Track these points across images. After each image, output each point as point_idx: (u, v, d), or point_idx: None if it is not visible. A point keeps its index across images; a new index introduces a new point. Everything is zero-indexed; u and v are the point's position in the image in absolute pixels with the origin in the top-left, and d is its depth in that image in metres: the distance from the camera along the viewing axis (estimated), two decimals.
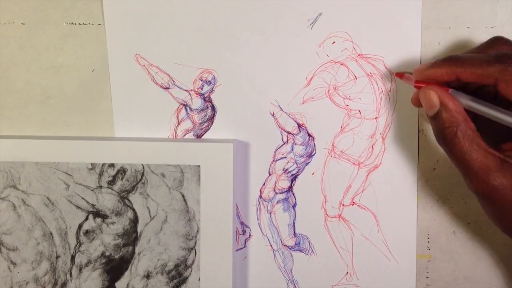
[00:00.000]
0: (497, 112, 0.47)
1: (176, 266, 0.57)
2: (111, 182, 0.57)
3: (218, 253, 0.56)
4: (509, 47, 0.48)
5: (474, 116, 0.48)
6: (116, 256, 0.57)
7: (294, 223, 0.59)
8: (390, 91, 0.57)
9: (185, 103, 0.57)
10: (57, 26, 0.57)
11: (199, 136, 0.58)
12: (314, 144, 0.58)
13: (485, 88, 0.50)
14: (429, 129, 0.48)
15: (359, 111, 0.57)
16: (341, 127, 0.57)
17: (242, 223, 0.59)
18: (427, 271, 0.59)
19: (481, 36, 0.56)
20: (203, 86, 0.57)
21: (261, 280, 0.59)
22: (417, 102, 0.52)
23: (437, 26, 0.56)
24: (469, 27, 0.56)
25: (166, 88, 0.57)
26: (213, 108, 0.58)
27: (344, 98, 0.57)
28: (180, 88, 0.57)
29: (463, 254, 0.59)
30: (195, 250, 0.57)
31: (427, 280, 0.59)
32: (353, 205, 0.58)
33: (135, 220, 0.57)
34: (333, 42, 0.56)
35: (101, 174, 0.57)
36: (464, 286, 0.59)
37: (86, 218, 0.57)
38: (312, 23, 0.56)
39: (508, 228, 0.49)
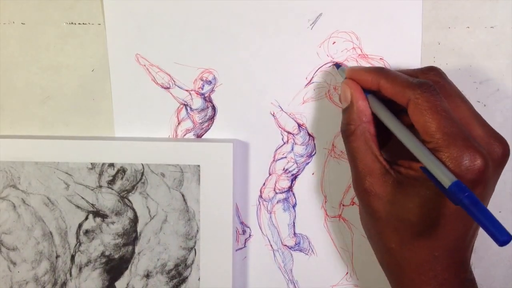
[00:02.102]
0: (397, 129, 0.48)
1: (176, 265, 0.57)
2: (111, 182, 0.57)
3: (218, 253, 0.57)
4: (440, 79, 0.50)
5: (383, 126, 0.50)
6: (116, 256, 0.57)
7: (294, 223, 0.59)
8: None
9: (186, 103, 0.58)
10: (57, 26, 0.57)
11: (199, 136, 0.58)
12: (314, 144, 0.58)
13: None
14: None
15: None
16: None
17: (242, 223, 0.59)
18: None
19: (481, 36, 0.56)
20: (203, 86, 0.57)
21: (261, 280, 0.59)
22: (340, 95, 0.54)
23: (436, 26, 0.56)
24: (469, 27, 0.56)
25: (167, 88, 0.57)
26: (214, 108, 0.58)
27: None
28: (180, 88, 0.57)
29: None
30: (195, 249, 0.57)
31: None
32: (353, 205, 0.58)
33: (135, 220, 0.57)
34: (334, 42, 0.56)
35: (101, 174, 0.57)
36: None
37: (86, 218, 0.57)
38: (312, 23, 0.56)
39: (375, 241, 0.51)
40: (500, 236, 0.39)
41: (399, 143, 0.48)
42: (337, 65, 0.56)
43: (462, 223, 0.45)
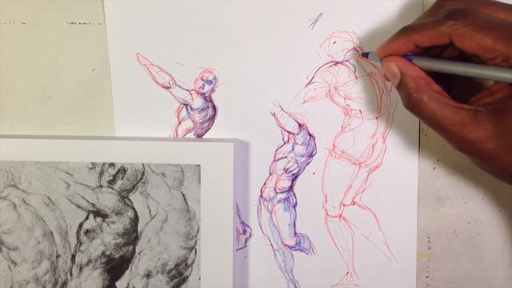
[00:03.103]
0: (458, 66, 0.48)
1: (177, 265, 0.57)
2: (112, 182, 0.57)
3: (218, 253, 0.56)
4: (457, 2, 0.48)
5: (440, 77, 0.49)
6: (117, 256, 0.57)
7: (294, 222, 0.59)
8: (390, 91, 0.57)
9: (186, 103, 0.57)
10: (57, 26, 0.57)
11: (199, 136, 0.58)
12: (315, 144, 0.58)
13: (449, 50, 0.50)
14: (430, 129, 0.48)
15: (359, 111, 0.57)
16: (342, 127, 0.57)
17: (242, 223, 0.59)
18: (427, 271, 0.59)
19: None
20: (204, 85, 0.57)
21: (261, 279, 0.59)
22: (386, 77, 0.52)
23: None
24: None
25: (167, 88, 0.57)
26: (214, 107, 0.58)
27: (344, 98, 0.57)
28: (181, 87, 0.57)
29: (463, 253, 0.59)
30: (195, 249, 0.57)
31: (427, 280, 0.59)
32: (353, 205, 0.58)
33: (135, 220, 0.57)
34: (334, 42, 0.56)
35: (101, 174, 0.57)
36: (464, 286, 0.59)
37: (87, 218, 0.57)
38: (313, 23, 0.56)
39: (502, 176, 0.49)
40: None
41: (462, 85, 0.49)
42: (364, 54, 0.55)
43: None
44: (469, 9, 0.46)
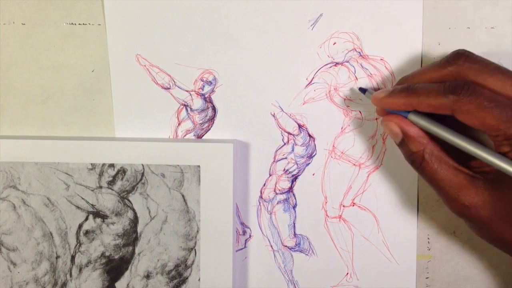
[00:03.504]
0: (455, 137, 0.48)
1: (176, 266, 0.57)
2: (111, 182, 0.57)
3: (218, 253, 0.56)
4: (471, 63, 0.48)
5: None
6: (116, 256, 0.57)
7: (294, 223, 0.59)
8: None
9: (186, 104, 0.57)
10: (57, 26, 0.57)
11: (199, 137, 0.58)
12: (315, 145, 0.58)
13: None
14: None
15: (359, 112, 0.57)
16: (342, 128, 0.57)
17: (242, 224, 0.59)
18: (427, 271, 0.59)
19: (481, 36, 0.56)
20: (203, 86, 0.57)
21: (261, 280, 0.59)
22: (380, 113, 0.53)
23: (437, 27, 0.56)
24: (469, 27, 0.56)
25: (167, 89, 0.57)
26: (214, 108, 0.58)
27: (344, 99, 0.57)
28: (180, 88, 0.57)
29: (463, 254, 0.59)
30: (195, 250, 0.57)
31: (427, 281, 0.59)
32: (353, 206, 0.58)
33: (135, 220, 0.57)
34: (334, 43, 0.56)
35: (101, 174, 0.56)
36: (464, 286, 0.59)
37: (86, 218, 0.57)
38: (313, 23, 0.56)
39: (492, 242, 0.50)
40: None
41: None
42: (363, 90, 0.55)
43: None
44: (475, 80, 0.47)
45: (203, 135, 0.58)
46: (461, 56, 0.49)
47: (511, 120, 0.44)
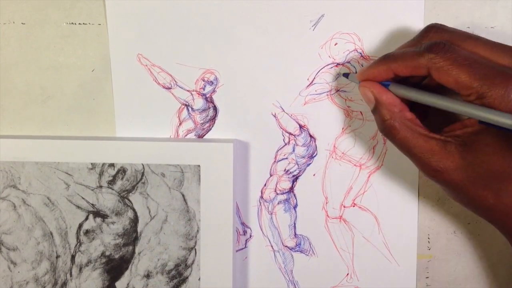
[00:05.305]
0: (431, 97, 0.48)
1: (176, 265, 0.57)
2: (111, 182, 0.57)
3: (218, 253, 0.57)
4: (442, 33, 0.49)
5: (416, 105, 0.51)
6: (116, 256, 0.57)
7: (295, 224, 0.59)
8: None
9: (187, 104, 0.57)
10: (57, 26, 0.57)
11: (200, 137, 0.58)
12: (316, 145, 0.58)
13: (428, 79, 0.51)
14: None
15: (360, 112, 0.57)
16: (343, 129, 0.57)
17: (243, 224, 0.59)
18: (427, 271, 0.59)
19: (481, 36, 0.56)
20: (205, 86, 0.57)
21: (261, 280, 0.59)
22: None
23: None
24: (469, 27, 0.56)
25: (168, 88, 0.57)
26: (215, 108, 0.57)
27: (345, 100, 0.57)
28: (182, 88, 0.57)
29: (463, 254, 0.59)
30: (195, 250, 0.57)
31: (427, 280, 0.59)
32: (354, 206, 0.58)
33: (135, 220, 0.57)
34: (335, 44, 0.56)
35: (101, 174, 0.56)
36: (464, 286, 0.59)
37: (86, 218, 0.57)
38: (314, 24, 0.56)
39: (466, 205, 0.50)
40: None
41: (437, 115, 0.49)
42: (345, 74, 0.56)
43: None
44: (451, 42, 0.47)
45: (204, 135, 0.58)
46: (432, 29, 0.50)
47: (484, 78, 0.44)
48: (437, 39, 0.49)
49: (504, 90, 0.44)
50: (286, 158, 0.58)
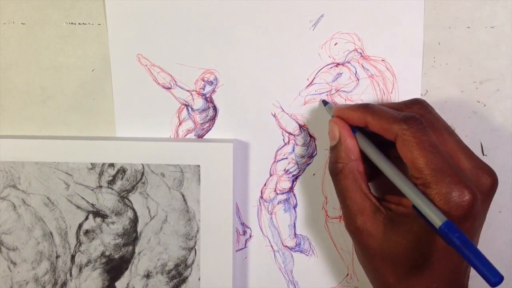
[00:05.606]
0: (385, 165, 0.49)
1: (176, 265, 0.57)
2: (111, 182, 0.57)
3: (218, 253, 0.57)
4: (425, 112, 0.50)
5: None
6: (116, 256, 0.57)
7: (294, 224, 0.59)
8: (391, 93, 0.57)
9: (187, 104, 0.57)
10: (57, 26, 0.57)
11: (200, 137, 0.58)
12: (315, 145, 0.58)
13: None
14: None
15: None
16: None
17: (242, 224, 0.59)
18: None
19: (481, 36, 0.56)
20: (205, 86, 0.57)
21: (261, 280, 0.59)
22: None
23: (437, 26, 0.56)
24: (469, 27, 0.56)
25: (168, 88, 0.57)
26: (215, 108, 0.58)
27: (345, 100, 0.57)
28: (181, 88, 0.57)
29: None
30: (195, 249, 0.57)
31: None
32: None
33: (135, 220, 0.57)
34: (335, 44, 0.56)
35: (101, 174, 0.56)
36: None
37: (86, 218, 0.57)
38: (314, 24, 0.56)
39: (368, 271, 0.51)
40: (492, 277, 0.40)
41: (387, 178, 0.49)
42: (324, 102, 0.56)
43: (456, 255, 0.45)
44: (429, 124, 0.48)
45: (204, 135, 0.58)
46: (419, 103, 0.51)
47: (436, 170, 0.45)
48: (418, 114, 0.49)
49: (448, 189, 0.44)
50: (286, 158, 0.58)
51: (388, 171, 0.48)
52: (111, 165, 0.56)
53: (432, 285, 0.47)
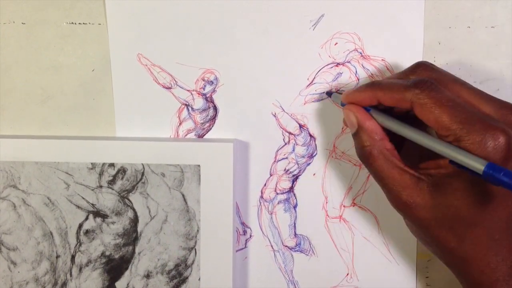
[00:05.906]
0: (409, 131, 0.48)
1: (176, 266, 0.57)
2: (111, 182, 0.57)
3: (218, 253, 0.56)
4: (431, 72, 0.50)
5: (395, 135, 0.50)
6: (116, 256, 0.57)
7: (295, 223, 0.59)
8: None
9: (187, 103, 0.57)
10: (57, 26, 0.57)
11: (200, 136, 0.58)
12: (316, 145, 0.58)
13: (412, 112, 0.51)
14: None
15: None
16: (343, 128, 0.57)
17: (243, 224, 0.59)
18: (427, 271, 0.59)
19: (481, 35, 0.56)
20: (205, 86, 0.57)
21: (261, 280, 0.59)
22: (345, 122, 0.54)
23: (437, 26, 0.56)
24: (469, 27, 0.57)
25: (168, 88, 0.57)
26: (215, 108, 0.57)
27: None
28: (182, 88, 0.57)
29: None
30: (195, 249, 0.57)
31: (427, 280, 0.59)
32: (354, 206, 0.58)
33: (135, 220, 0.57)
34: (336, 43, 0.56)
35: (101, 174, 0.56)
36: None
37: (86, 218, 0.57)
38: (314, 24, 0.56)
39: (427, 244, 0.51)
40: None
41: (414, 147, 0.48)
42: (329, 93, 0.56)
43: (509, 196, 0.45)
44: (438, 82, 0.47)
45: (204, 135, 0.58)
46: (421, 66, 0.51)
47: (463, 122, 0.45)
48: (425, 76, 0.49)
49: (481, 137, 0.44)
50: (286, 158, 0.58)
51: (416, 137, 0.48)
52: (111, 165, 0.56)
53: (495, 236, 0.46)
